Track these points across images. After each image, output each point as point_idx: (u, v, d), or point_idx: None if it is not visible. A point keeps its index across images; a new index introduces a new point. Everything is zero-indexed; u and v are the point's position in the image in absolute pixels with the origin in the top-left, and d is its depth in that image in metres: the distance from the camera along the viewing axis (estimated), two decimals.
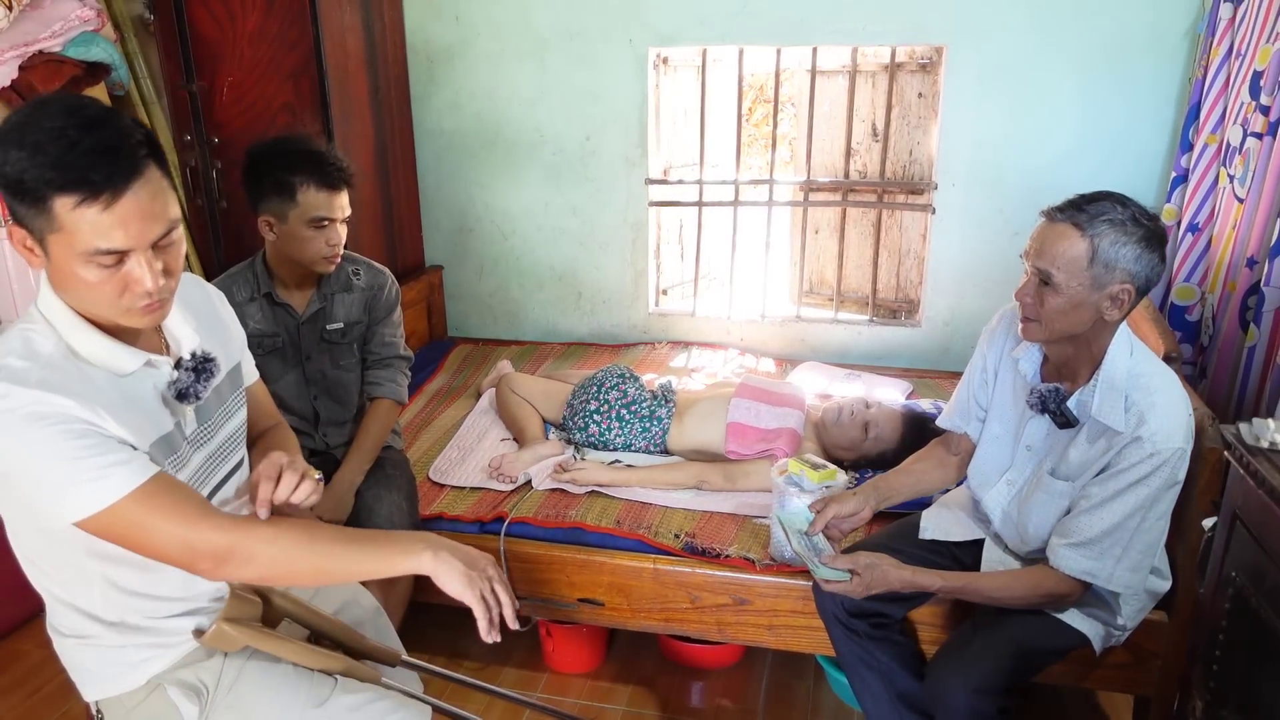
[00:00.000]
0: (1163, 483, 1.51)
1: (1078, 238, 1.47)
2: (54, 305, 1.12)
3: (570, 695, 2.24)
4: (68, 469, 1.05)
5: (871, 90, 3.17)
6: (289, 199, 1.90)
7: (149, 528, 1.08)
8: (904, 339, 3.22)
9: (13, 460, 1.05)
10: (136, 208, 1.04)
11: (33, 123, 1.02)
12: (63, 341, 1.12)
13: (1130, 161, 2.85)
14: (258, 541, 1.12)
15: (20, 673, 2.31)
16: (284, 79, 2.75)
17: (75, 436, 1.05)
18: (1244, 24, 2.34)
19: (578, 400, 2.52)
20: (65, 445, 1.04)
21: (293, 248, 1.94)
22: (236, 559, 1.12)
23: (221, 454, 1.33)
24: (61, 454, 1.04)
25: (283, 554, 1.14)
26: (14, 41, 2.24)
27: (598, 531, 2.09)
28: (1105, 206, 1.48)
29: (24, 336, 1.11)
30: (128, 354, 1.15)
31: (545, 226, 3.38)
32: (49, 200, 1.01)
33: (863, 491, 1.83)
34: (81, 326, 1.12)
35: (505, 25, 3.17)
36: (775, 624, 2.00)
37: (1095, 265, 1.47)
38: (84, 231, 1.02)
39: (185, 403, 1.22)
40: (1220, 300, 2.34)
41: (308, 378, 2.09)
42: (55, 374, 1.08)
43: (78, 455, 1.05)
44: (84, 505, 1.06)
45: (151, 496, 1.08)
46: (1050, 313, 1.52)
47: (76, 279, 1.07)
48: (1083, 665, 1.83)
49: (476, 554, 1.24)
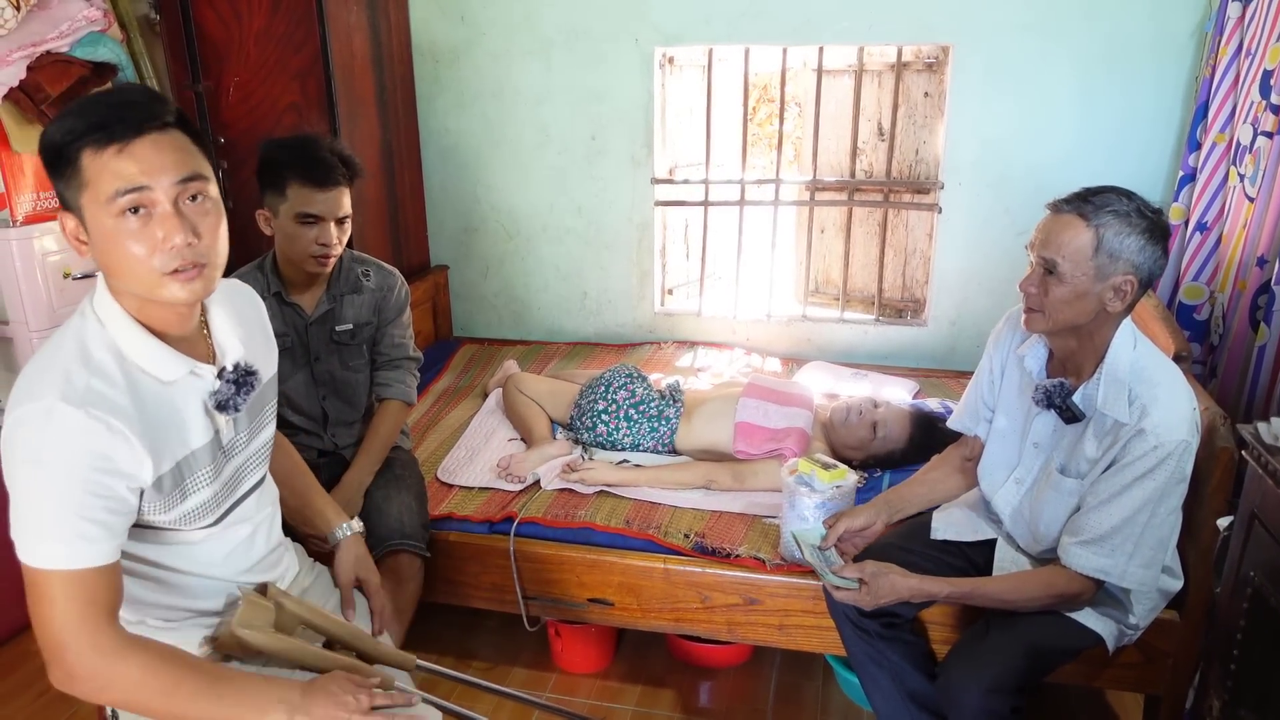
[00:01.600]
0: (1169, 476, 1.51)
1: (1083, 227, 1.49)
2: (108, 306, 1.14)
3: (579, 695, 2.23)
4: (51, 519, 1.06)
5: (877, 89, 3.17)
6: (280, 194, 1.90)
7: (51, 605, 1.08)
8: (910, 338, 3.22)
9: (22, 480, 1.07)
10: (154, 149, 1.08)
11: (87, 98, 1.11)
12: (115, 343, 1.13)
13: (1136, 160, 2.85)
14: (119, 676, 1.09)
15: (28, 674, 2.30)
16: (290, 79, 2.75)
17: (83, 485, 1.07)
18: (1253, 23, 2.34)
19: (585, 400, 2.52)
20: (70, 492, 1.06)
21: (284, 245, 1.94)
22: (92, 683, 1.10)
23: (249, 466, 1.33)
24: (60, 501, 1.06)
25: (139, 696, 1.11)
26: (22, 42, 2.23)
27: (607, 531, 2.09)
28: (1110, 198, 1.50)
29: (79, 337, 1.12)
30: (174, 360, 1.17)
31: (551, 226, 3.38)
32: (77, 157, 1.06)
33: (874, 505, 1.84)
34: (132, 327, 1.14)
35: (511, 25, 3.16)
36: (786, 624, 2.00)
37: (1100, 255, 1.49)
38: (105, 177, 1.06)
39: (224, 413, 1.23)
40: (1230, 299, 2.34)
41: (316, 378, 2.09)
42: (105, 384, 1.10)
43: (69, 509, 1.06)
44: (32, 555, 1.08)
45: (78, 584, 1.08)
46: (1054, 303, 1.53)
47: (112, 246, 1.09)
48: (1094, 664, 1.83)
49: (342, 704, 1.17)
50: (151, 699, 1.11)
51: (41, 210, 2.32)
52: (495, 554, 2.10)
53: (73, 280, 2.38)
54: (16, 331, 2.34)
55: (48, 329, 2.34)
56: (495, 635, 2.43)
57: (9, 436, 1.07)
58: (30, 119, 2.26)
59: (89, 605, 1.08)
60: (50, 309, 2.33)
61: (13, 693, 2.24)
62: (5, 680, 2.28)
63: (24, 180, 2.28)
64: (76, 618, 1.07)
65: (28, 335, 2.33)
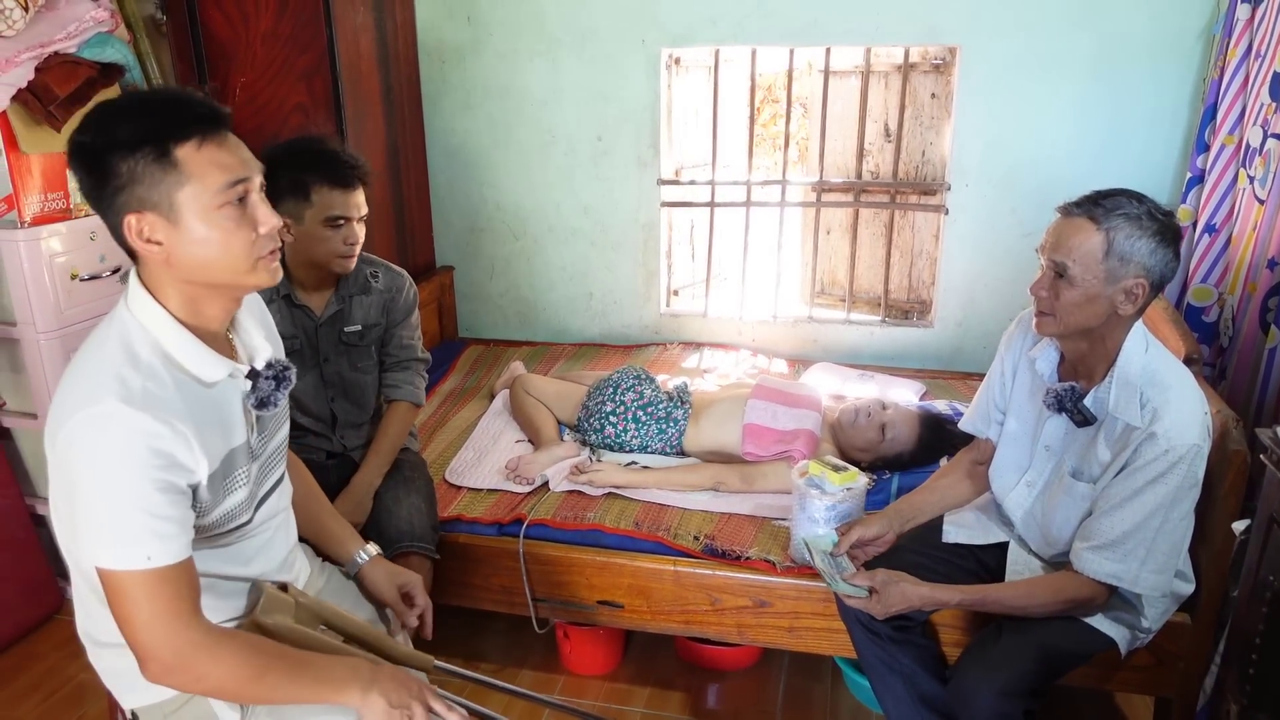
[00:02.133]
0: (1181, 480, 1.51)
1: (1093, 231, 1.49)
2: (150, 308, 1.16)
3: (588, 697, 2.23)
4: (126, 521, 1.08)
5: (884, 90, 3.16)
6: (304, 199, 1.90)
7: (136, 606, 1.10)
8: (916, 340, 3.22)
9: (91, 486, 1.08)
10: (237, 144, 1.17)
11: (135, 99, 1.16)
12: (160, 345, 1.15)
13: (1144, 161, 2.85)
14: (213, 666, 1.14)
15: (37, 675, 2.31)
16: (297, 79, 2.74)
17: (152, 484, 1.09)
18: (1263, 25, 2.33)
19: (593, 402, 2.52)
20: (140, 492, 1.08)
21: (310, 248, 1.94)
22: (188, 675, 1.14)
23: (270, 463, 1.35)
24: (132, 503, 1.08)
25: (232, 684, 1.17)
26: (30, 43, 2.22)
27: (616, 534, 2.09)
28: (1121, 201, 1.49)
29: (123, 340, 1.14)
30: (217, 362, 1.19)
31: (557, 227, 3.38)
32: (172, 152, 1.09)
33: (886, 515, 1.84)
34: (177, 329, 1.16)
35: (517, 25, 3.16)
36: (796, 626, 2.00)
37: (1110, 258, 1.48)
38: (212, 170, 1.12)
39: (265, 410, 1.26)
40: (1240, 301, 2.33)
41: (325, 380, 2.08)
42: (157, 385, 1.12)
43: (142, 509, 1.08)
44: (112, 559, 1.09)
45: (161, 582, 1.10)
46: (1065, 306, 1.53)
47: (217, 236, 1.13)
48: (1106, 667, 1.83)
49: (408, 687, 1.26)
50: (243, 686, 1.17)
51: (49, 211, 2.32)
52: (504, 556, 2.10)
53: (80, 282, 2.37)
54: (24, 333, 2.33)
55: (55, 330, 2.34)
56: (504, 637, 2.43)
57: (70, 443, 1.08)
58: (38, 120, 2.25)
59: (173, 601, 1.10)
60: (58, 310, 2.32)
61: (23, 693, 2.24)
62: (13, 683, 2.28)
63: (32, 181, 2.27)
64: (164, 615, 1.10)
65: (35, 337, 2.32)
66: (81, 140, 1.11)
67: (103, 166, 1.10)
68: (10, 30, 2.18)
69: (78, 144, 1.11)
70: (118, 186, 1.10)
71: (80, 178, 1.13)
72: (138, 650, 1.12)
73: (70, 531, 1.20)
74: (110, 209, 1.12)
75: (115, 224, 1.13)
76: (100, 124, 1.11)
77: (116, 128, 1.09)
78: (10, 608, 2.41)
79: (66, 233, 2.34)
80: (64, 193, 2.37)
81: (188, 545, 1.13)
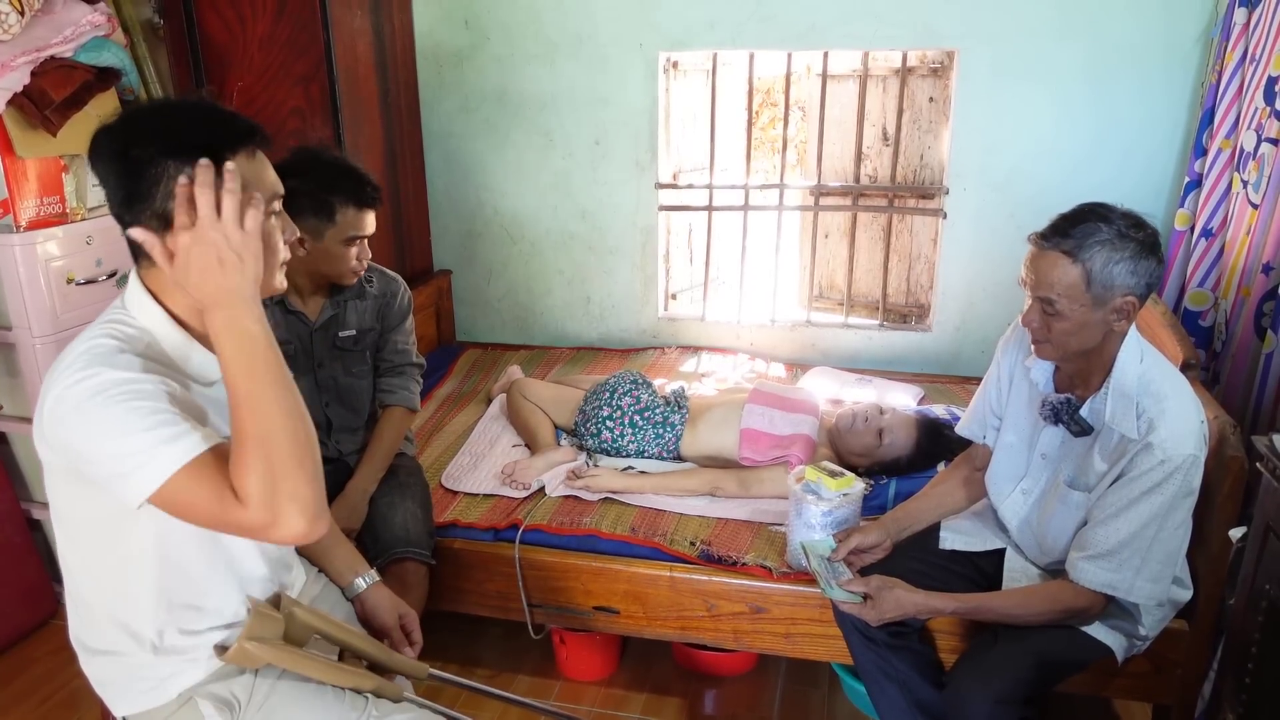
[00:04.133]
0: (1176, 491, 1.50)
1: (1069, 265, 1.48)
2: (150, 310, 1.16)
3: (584, 703, 2.23)
4: (142, 439, 1.04)
5: (882, 94, 3.16)
6: (328, 219, 1.91)
7: (201, 501, 1.06)
8: (915, 344, 3.21)
9: (98, 437, 1.05)
10: (268, 161, 1.21)
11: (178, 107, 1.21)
12: (155, 345, 1.15)
13: (1143, 166, 2.85)
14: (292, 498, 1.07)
15: (31, 680, 2.30)
16: (294, 83, 2.74)
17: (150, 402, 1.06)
18: (1259, 29, 2.33)
19: (590, 406, 2.51)
20: (143, 416, 1.05)
21: (323, 263, 1.96)
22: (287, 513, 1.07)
23: None
24: (139, 425, 1.04)
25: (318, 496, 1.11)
26: (26, 47, 2.22)
27: (613, 539, 2.08)
28: (1090, 228, 1.47)
29: (117, 337, 1.12)
30: (214, 361, 1.16)
31: (554, 231, 3.38)
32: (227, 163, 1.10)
33: (883, 524, 1.84)
34: (178, 331, 1.16)
35: (515, 29, 3.16)
36: (792, 632, 1.99)
37: (1093, 287, 1.48)
38: (259, 184, 1.16)
39: None
40: (1234, 306, 2.33)
41: (320, 385, 2.08)
42: (145, 357, 1.11)
43: (150, 425, 1.05)
44: (153, 475, 1.05)
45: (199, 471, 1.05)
46: (1059, 335, 1.54)
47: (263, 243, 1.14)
48: (1103, 675, 1.82)
49: None
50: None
51: (45, 216, 2.31)
52: (500, 561, 2.09)
53: (76, 286, 2.37)
54: (20, 337, 2.32)
55: (51, 335, 2.33)
56: (500, 643, 2.43)
57: (59, 408, 1.05)
58: (34, 124, 2.25)
59: (222, 486, 1.05)
60: (53, 314, 2.32)
61: (17, 698, 2.24)
62: (8, 687, 2.28)
63: (28, 186, 2.26)
64: (218, 500, 1.05)
65: (30, 341, 2.31)
66: (137, 146, 1.09)
67: (159, 172, 1.09)
68: (6, 35, 2.18)
69: (132, 150, 1.09)
70: (172, 191, 1.09)
71: (127, 182, 1.10)
72: (248, 531, 1.08)
73: (76, 518, 1.19)
74: (162, 213, 1.10)
75: (163, 228, 1.11)
76: (159, 130, 1.11)
77: (178, 135, 1.10)
78: (6, 612, 2.41)
79: (62, 237, 2.34)
80: (60, 197, 2.37)
81: (206, 434, 1.08)
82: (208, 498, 1.06)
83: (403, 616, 1.56)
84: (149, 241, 1.10)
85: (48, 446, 1.11)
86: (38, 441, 1.13)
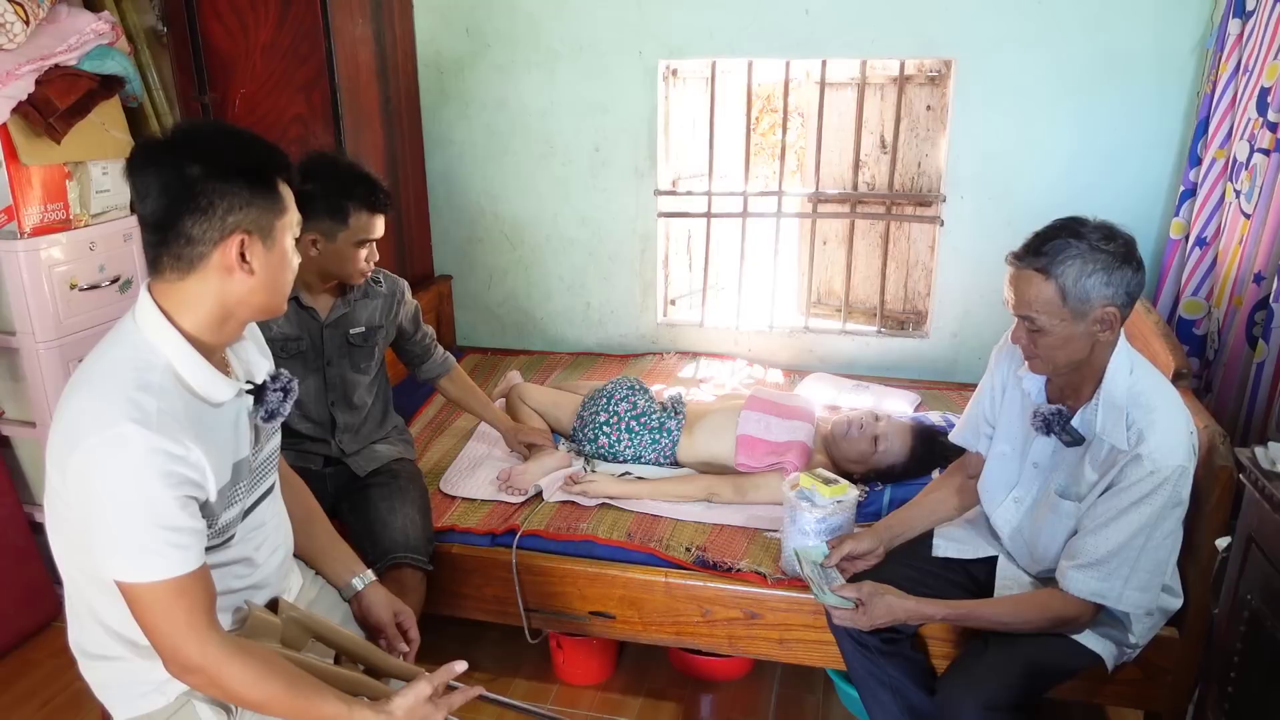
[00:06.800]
0: (1165, 501, 1.52)
1: (1043, 282, 1.51)
2: (163, 330, 1.19)
3: (580, 707, 2.24)
4: (145, 535, 1.12)
5: (880, 102, 3.18)
6: (340, 222, 1.97)
7: (158, 615, 1.15)
8: (912, 350, 3.23)
9: (109, 505, 1.11)
10: None
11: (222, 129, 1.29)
12: (170, 367, 1.18)
13: (1138, 175, 2.86)
14: (234, 680, 1.18)
15: (33, 683, 2.32)
16: (296, 91, 2.77)
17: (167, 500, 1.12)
18: (1252, 40, 2.35)
19: (587, 412, 2.53)
20: (156, 508, 1.12)
21: (334, 264, 2.02)
22: (202, 676, 1.18)
23: (261, 472, 1.37)
24: (149, 517, 1.11)
25: (249, 695, 1.19)
26: (30, 56, 2.24)
27: (609, 545, 2.10)
28: (1061, 244, 1.50)
29: (134, 361, 1.16)
30: (225, 384, 1.23)
31: (554, 237, 3.40)
32: (276, 184, 1.23)
33: (876, 531, 1.85)
34: (190, 353, 1.19)
35: (515, 37, 3.18)
36: (786, 638, 2.01)
37: (1070, 301, 1.51)
38: (293, 205, 1.25)
39: (272, 422, 1.32)
40: (1226, 315, 2.35)
41: (328, 383, 2.12)
42: (169, 407, 1.15)
43: (159, 523, 1.12)
44: (134, 571, 1.12)
45: (180, 591, 1.14)
46: (1046, 350, 1.57)
47: (292, 263, 1.27)
48: (1093, 682, 1.84)
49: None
50: (263, 702, 1.20)
51: (49, 222, 2.34)
52: (497, 566, 2.11)
53: (79, 291, 2.39)
54: (23, 342, 2.35)
55: (54, 340, 2.36)
56: (497, 647, 2.44)
57: (86, 466, 1.11)
58: (38, 132, 2.27)
59: (192, 610, 1.15)
60: (57, 320, 2.35)
61: (19, 701, 2.26)
62: (11, 689, 2.30)
63: (32, 192, 2.29)
64: (184, 622, 1.14)
65: (34, 346, 2.34)
66: (198, 164, 1.15)
67: (222, 189, 1.15)
68: (11, 43, 2.21)
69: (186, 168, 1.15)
70: (232, 206, 1.16)
71: (182, 198, 1.15)
72: (161, 653, 1.17)
73: (70, 544, 1.22)
74: (217, 227, 1.16)
75: (215, 239, 1.17)
76: (219, 149, 1.18)
77: (237, 155, 1.19)
78: (8, 615, 2.43)
79: (66, 243, 2.37)
80: (63, 204, 2.40)
81: (202, 553, 1.17)
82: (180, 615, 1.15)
83: (399, 615, 1.58)
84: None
85: (61, 478, 1.15)
86: (51, 465, 1.17)
